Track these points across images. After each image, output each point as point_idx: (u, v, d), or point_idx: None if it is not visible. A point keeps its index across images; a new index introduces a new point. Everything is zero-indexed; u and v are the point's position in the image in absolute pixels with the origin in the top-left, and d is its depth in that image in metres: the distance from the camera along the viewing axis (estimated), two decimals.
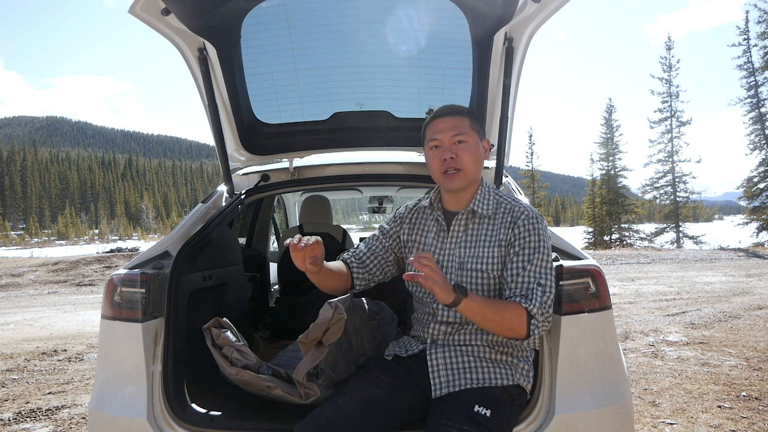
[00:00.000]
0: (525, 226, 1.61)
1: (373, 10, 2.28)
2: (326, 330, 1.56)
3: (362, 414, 1.51)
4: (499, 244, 1.62)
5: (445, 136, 1.66)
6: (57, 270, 13.86)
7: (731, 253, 16.00)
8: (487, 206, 1.68)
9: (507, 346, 1.62)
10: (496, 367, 1.59)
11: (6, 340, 5.97)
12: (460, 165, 1.65)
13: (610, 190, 32.48)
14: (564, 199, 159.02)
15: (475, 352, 1.61)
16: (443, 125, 1.68)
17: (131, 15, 1.84)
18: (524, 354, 1.66)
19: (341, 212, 34.05)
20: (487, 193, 1.72)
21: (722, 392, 3.59)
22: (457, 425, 1.45)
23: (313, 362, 1.57)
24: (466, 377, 1.58)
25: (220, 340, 1.79)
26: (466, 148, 1.66)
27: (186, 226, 2.18)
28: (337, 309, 1.56)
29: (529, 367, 1.66)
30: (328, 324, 1.55)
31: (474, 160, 1.67)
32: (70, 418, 3.40)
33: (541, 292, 1.53)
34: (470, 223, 1.69)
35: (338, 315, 1.55)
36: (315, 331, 1.56)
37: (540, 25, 2.03)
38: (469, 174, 1.66)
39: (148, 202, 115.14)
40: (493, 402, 1.52)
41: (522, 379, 1.62)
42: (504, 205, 1.68)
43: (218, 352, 1.77)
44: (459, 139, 1.66)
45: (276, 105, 2.56)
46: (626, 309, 6.86)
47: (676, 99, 29.80)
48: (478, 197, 1.69)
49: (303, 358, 1.59)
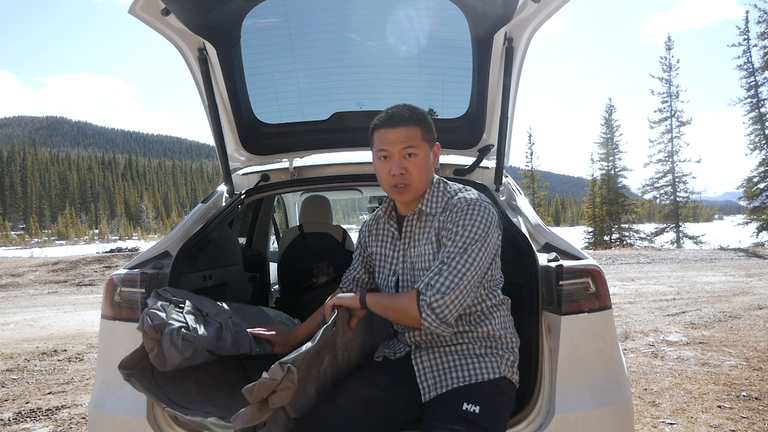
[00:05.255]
0: (450, 216, 1.56)
1: (373, 10, 2.28)
2: (273, 392, 1.32)
3: (361, 414, 1.51)
4: (436, 240, 1.60)
5: (395, 148, 1.58)
6: (57, 270, 13.86)
7: (731, 253, 16.01)
8: (435, 204, 1.65)
9: (489, 339, 1.61)
10: (482, 362, 1.58)
11: (6, 340, 5.97)
12: (410, 180, 1.60)
13: (610, 190, 32.46)
14: (564, 199, 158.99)
15: (458, 350, 1.61)
16: (394, 136, 1.59)
17: (131, 15, 1.84)
18: (508, 345, 1.63)
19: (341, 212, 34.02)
20: (437, 191, 1.67)
21: (722, 392, 3.59)
22: (448, 426, 1.45)
23: (253, 421, 1.34)
24: (452, 376, 1.57)
25: None
26: (416, 162, 1.59)
27: (186, 226, 2.18)
28: (288, 374, 1.30)
29: (515, 357, 1.64)
30: (275, 387, 1.31)
31: (423, 173, 1.62)
32: (70, 418, 3.40)
33: (437, 269, 1.48)
34: (418, 223, 1.68)
35: (287, 382, 1.30)
36: (260, 390, 1.31)
37: (540, 25, 2.03)
38: (417, 187, 1.62)
39: (148, 202, 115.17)
40: (482, 397, 1.52)
41: (508, 371, 1.60)
42: (450, 201, 1.63)
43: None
44: (409, 152, 1.59)
45: (276, 105, 2.56)
46: (626, 309, 6.86)
47: (676, 99, 29.80)
48: (426, 197, 1.66)
49: (246, 407, 1.35)
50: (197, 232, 2.13)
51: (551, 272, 1.77)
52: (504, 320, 1.65)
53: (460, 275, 1.46)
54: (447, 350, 1.61)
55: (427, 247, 1.61)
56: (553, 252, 1.89)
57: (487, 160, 2.59)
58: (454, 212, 1.56)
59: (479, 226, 1.53)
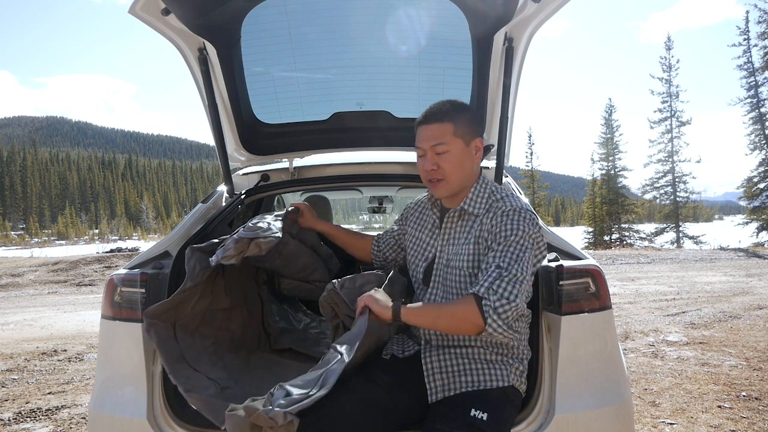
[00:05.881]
0: (500, 220, 1.56)
1: (373, 10, 2.28)
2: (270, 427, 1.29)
3: (364, 413, 1.51)
4: (475, 241, 1.60)
5: (426, 144, 1.64)
6: (57, 270, 13.86)
7: (731, 253, 16.00)
8: (478, 205, 1.66)
9: (502, 346, 1.61)
10: (492, 369, 1.58)
11: (6, 340, 5.96)
12: (442, 175, 1.63)
13: (610, 190, 32.47)
14: (564, 199, 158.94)
15: (470, 353, 1.60)
16: (424, 134, 1.65)
17: (131, 15, 1.84)
18: (519, 355, 1.64)
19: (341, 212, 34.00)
20: (482, 191, 1.68)
21: (722, 392, 3.59)
22: (455, 430, 1.45)
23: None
24: (461, 380, 1.57)
25: None
26: (448, 157, 1.62)
27: (186, 226, 2.18)
28: (288, 424, 1.29)
29: (524, 368, 1.65)
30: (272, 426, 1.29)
31: (458, 167, 1.63)
32: (70, 418, 3.40)
33: (496, 274, 1.45)
34: (460, 221, 1.69)
35: (283, 429, 1.29)
36: (258, 419, 1.29)
37: (540, 25, 2.03)
38: (452, 182, 1.64)
39: (148, 202, 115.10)
40: (490, 404, 1.51)
41: (516, 380, 1.61)
42: (495, 204, 1.65)
43: None
44: (439, 150, 1.62)
45: (276, 105, 2.56)
46: (626, 309, 6.86)
47: (676, 99, 29.81)
48: (470, 195, 1.67)
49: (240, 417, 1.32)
50: (197, 232, 2.13)
51: (551, 272, 1.77)
52: (520, 332, 1.64)
53: (519, 283, 1.44)
54: (457, 352, 1.61)
55: (465, 247, 1.62)
56: (553, 252, 1.89)
57: (487, 160, 2.59)
58: (506, 217, 1.56)
59: (531, 234, 1.54)
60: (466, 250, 1.61)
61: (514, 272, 1.45)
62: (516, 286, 1.43)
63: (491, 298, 1.41)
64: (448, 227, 1.71)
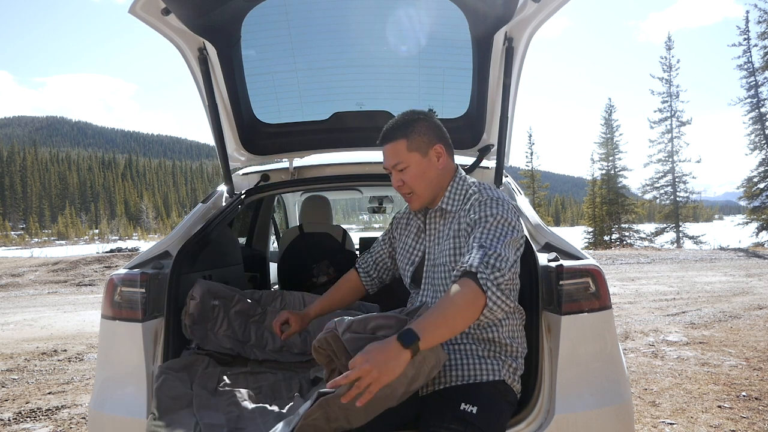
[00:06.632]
0: (478, 208, 1.58)
1: (373, 10, 2.28)
2: None
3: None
4: (455, 236, 1.63)
5: (387, 164, 1.70)
6: (57, 270, 13.86)
7: (731, 253, 16.01)
8: (456, 202, 1.69)
9: (494, 343, 1.61)
10: (483, 364, 1.58)
11: (6, 340, 5.97)
12: (410, 189, 1.69)
13: (610, 190, 32.47)
14: (564, 199, 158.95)
15: (461, 349, 1.61)
16: (384, 154, 1.70)
17: (131, 15, 1.84)
18: (513, 353, 1.63)
19: (341, 212, 34.00)
20: (458, 188, 1.71)
21: (722, 392, 3.59)
22: (445, 425, 1.45)
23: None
24: (451, 374, 1.57)
25: None
26: (408, 172, 1.66)
27: (186, 226, 2.18)
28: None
29: (518, 366, 1.64)
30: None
31: (421, 179, 1.67)
32: (70, 418, 3.40)
33: (482, 252, 1.42)
34: (441, 220, 1.72)
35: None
36: None
37: (540, 25, 2.03)
38: (421, 194, 1.69)
39: (148, 202, 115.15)
40: (480, 398, 1.51)
41: (508, 376, 1.60)
42: (472, 196, 1.65)
43: None
44: (399, 168, 1.67)
45: (276, 105, 2.56)
46: (626, 309, 6.86)
47: (676, 99, 29.81)
48: (447, 194, 1.71)
49: None
50: (197, 232, 2.13)
51: (551, 272, 1.77)
52: (513, 329, 1.65)
53: (505, 261, 1.42)
54: (450, 348, 1.61)
55: (447, 242, 1.65)
56: (553, 252, 1.89)
57: (487, 160, 2.59)
58: (483, 204, 1.58)
59: (509, 219, 1.54)
60: (448, 246, 1.64)
61: (498, 250, 1.43)
62: (502, 263, 1.41)
63: (486, 271, 1.38)
64: (431, 228, 1.75)
